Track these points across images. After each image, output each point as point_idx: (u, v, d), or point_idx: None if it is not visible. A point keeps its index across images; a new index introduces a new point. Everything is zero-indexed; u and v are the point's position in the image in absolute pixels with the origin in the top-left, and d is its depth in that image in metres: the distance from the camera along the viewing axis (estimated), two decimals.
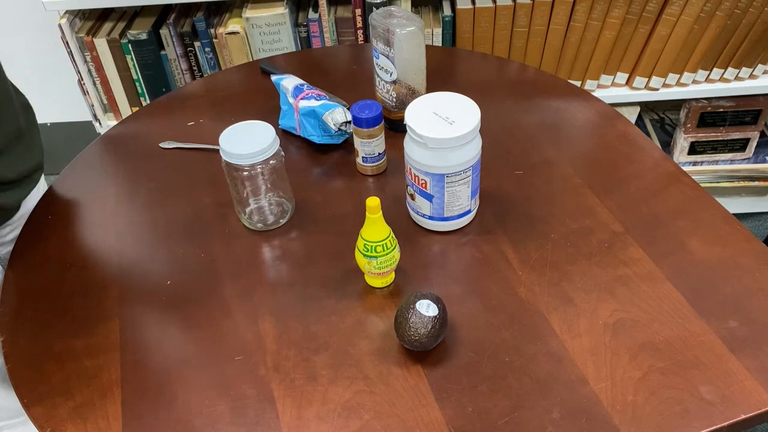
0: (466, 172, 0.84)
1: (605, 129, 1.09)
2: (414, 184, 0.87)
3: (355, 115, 0.95)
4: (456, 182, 0.84)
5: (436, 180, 0.84)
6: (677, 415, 0.69)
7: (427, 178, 0.84)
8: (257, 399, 0.73)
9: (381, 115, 0.96)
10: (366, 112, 0.95)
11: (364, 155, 0.99)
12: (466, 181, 0.85)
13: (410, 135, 0.83)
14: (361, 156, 0.99)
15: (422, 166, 0.83)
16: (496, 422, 0.70)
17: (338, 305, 0.83)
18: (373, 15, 1.00)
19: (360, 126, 0.95)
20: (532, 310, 0.81)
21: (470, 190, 0.87)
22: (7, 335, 0.82)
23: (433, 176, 0.83)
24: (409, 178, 0.87)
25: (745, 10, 1.45)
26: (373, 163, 1.00)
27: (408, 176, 0.87)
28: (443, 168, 0.82)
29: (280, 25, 1.51)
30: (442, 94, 0.87)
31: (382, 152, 0.99)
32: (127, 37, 1.53)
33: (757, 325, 0.77)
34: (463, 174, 0.84)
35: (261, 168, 0.87)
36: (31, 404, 0.74)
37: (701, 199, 0.94)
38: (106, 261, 0.92)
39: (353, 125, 0.97)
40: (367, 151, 0.98)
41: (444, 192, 0.85)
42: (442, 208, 0.87)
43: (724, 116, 1.71)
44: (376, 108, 0.95)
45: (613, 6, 1.46)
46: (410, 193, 0.89)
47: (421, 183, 0.85)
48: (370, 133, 0.96)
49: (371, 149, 0.98)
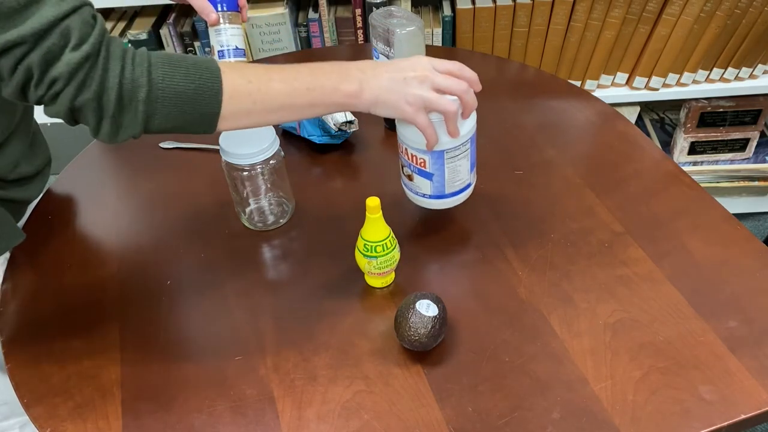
0: (465, 145, 0.81)
1: (605, 129, 1.09)
2: (411, 164, 0.83)
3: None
4: (456, 157, 0.81)
5: (435, 157, 0.81)
6: (677, 415, 0.69)
7: (426, 156, 0.81)
8: (257, 399, 0.73)
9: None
10: None
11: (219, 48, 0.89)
12: (465, 154, 0.82)
13: None
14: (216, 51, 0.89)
15: (419, 144, 0.79)
16: (496, 422, 0.70)
17: (338, 305, 0.83)
18: (373, 15, 1.00)
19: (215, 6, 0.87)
20: (532, 310, 0.80)
21: (469, 163, 0.84)
22: (7, 335, 0.82)
23: (432, 153, 0.80)
24: (405, 159, 0.84)
25: (745, 10, 1.45)
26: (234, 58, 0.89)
27: (404, 157, 0.84)
28: (443, 143, 0.79)
29: (280, 25, 1.51)
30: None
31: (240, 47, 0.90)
32: (127, 37, 1.53)
33: (757, 325, 0.77)
34: (462, 147, 0.81)
35: (261, 168, 0.87)
36: (31, 404, 0.74)
37: (701, 199, 0.94)
38: (106, 261, 0.92)
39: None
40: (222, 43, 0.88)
41: (444, 168, 0.82)
42: (443, 185, 0.84)
43: (724, 116, 1.71)
44: None
45: (613, 6, 1.46)
46: (407, 174, 0.85)
47: (419, 162, 0.82)
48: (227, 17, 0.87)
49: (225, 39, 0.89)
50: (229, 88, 0.68)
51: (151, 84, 0.65)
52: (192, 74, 0.67)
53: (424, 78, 0.74)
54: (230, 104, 0.68)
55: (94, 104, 0.64)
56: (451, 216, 0.94)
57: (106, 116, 0.65)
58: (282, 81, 0.71)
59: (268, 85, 0.70)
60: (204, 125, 0.69)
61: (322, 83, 0.72)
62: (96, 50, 0.63)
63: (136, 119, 0.66)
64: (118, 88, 0.64)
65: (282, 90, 0.71)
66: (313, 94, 0.72)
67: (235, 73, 0.69)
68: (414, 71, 0.74)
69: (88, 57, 0.62)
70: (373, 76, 0.73)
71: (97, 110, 0.64)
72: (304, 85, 0.71)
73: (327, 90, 0.72)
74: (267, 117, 0.72)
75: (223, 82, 0.68)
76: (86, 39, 0.62)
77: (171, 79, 0.66)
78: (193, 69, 0.67)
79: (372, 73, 0.74)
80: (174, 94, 0.66)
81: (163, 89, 0.65)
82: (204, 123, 0.69)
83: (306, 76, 0.72)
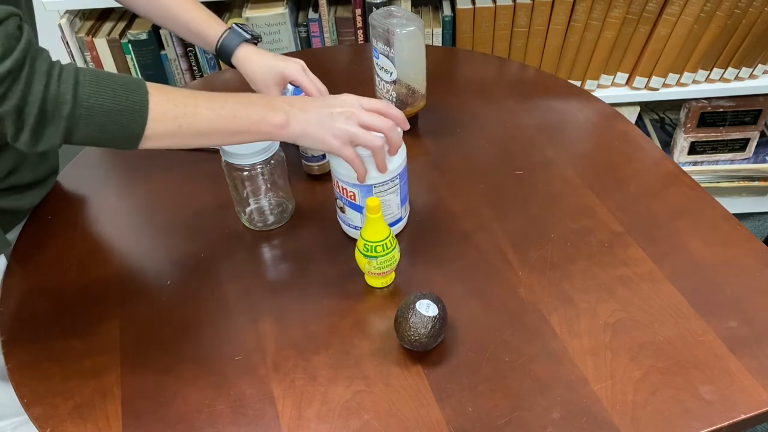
0: (394, 181, 0.83)
1: (605, 129, 1.09)
2: (343, 197, 0.86)
3: None
4: (385, 192, 0.84)
5: (364, 191, 0.83)
6: (677, 415, 0.69)
7: (356, 190, 0.83)
8: (257, 399, 0.73)
9: None
10: None
11: (308, 155, 0.99)
12: (394, 190, 0.85)
13: None
14: (305, 155, 0.99)
15: (349, 178, 0.82)
16: (496, 422, 0.70)
17: (338, 305, 0.83)
18: (373, 15, 1.00)
19: None
20: (532, 310, 0.80)
21: (399, 198, 0.86)
22: (7, 335, 0.82)
23: (361, 188, 0.83)
24: (337, 192, 0.86)
25: (745, 10, 1.45)
26: (318, 162, 0.99)
27: (336, 190, 0.86)
28: (371, 178, 0.82)
29: (280, 25, 1.51)
30: None
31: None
32: (127, 37, 1.53)
33: (757, 325, 0.77)
34: (391, 183, 0.83)
35: (261, 168, 0.87)
36: (31, 404, 0.74)
37: (701, 199, 0.94)
38: (106, 261, 0.92)
39: None
40: (311, 150, 0.98)
41: None
42: None
43: (724, 116, 1.71)
44: None
45: (613, 6, 1.46)
46: (340, 206, 0.88)
47: (349, 195, 0.84)
48: None
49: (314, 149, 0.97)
50: (155, 111, 0.69)
51: (76, 101, 0.65)
52: (120, 95, 0.67)
53: (350, 114, 0.77)
54: (155, 126, 0.69)
55: (13, 116, 0.64)
56: (451, 216, 0.94)
57: (26, 128, 0.65)
58: (209, 108, 0.72)
59: (195, 110, 0.72)
60: (127, 144, 0.70)
61: (248, 113, 0.74)
62: (19, 65, 0.63)
63: (56, 133, 0.66)
64: (41, 104, 0.64)
65: (208, 116, 0.72)
66: (239, 122, 0.74)
67: (163, 96, 0.70)
68: (341, 107, 0.77)
69: (11, 72, 0.62)
70: (300, 110, 0.76)
71: (17, 121, 0.65)
72: (230, 113, 0.73)
73: (253, 119, 0.74)
74: (192, 140, 0.73)
75: (150, 104, 0.69)
76: (9, 53, 0.62)
77: (97, 98, 0.66)
78: (121, 90, 0.67)
79: (299, 107, 0.76)
80: (99, 113, 0.67)
81: (88, 108, 0.66)
82: (127, 142, 0.70)
83: (233, 105, 0.74)
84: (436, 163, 1.03)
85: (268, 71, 0.94)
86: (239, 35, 0.97)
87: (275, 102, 0.76)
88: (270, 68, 0.94)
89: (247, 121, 0.74)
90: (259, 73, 0.95)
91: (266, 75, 0.94)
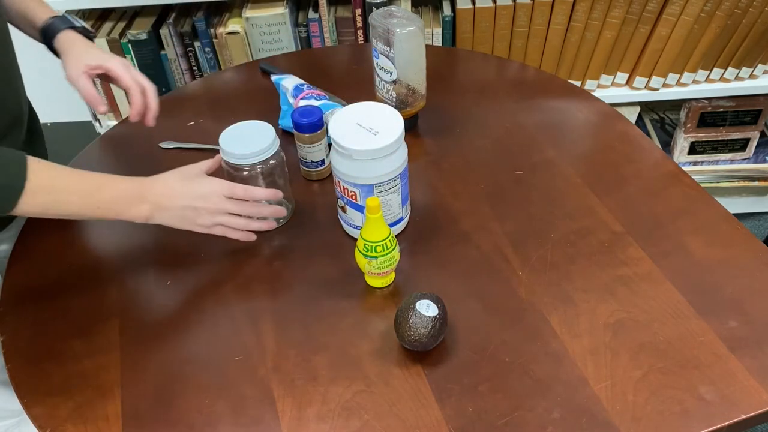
0: (395, 181, 0.84)
1: (605, 129, 1.09)
2: (344, 197, 0.86)
3: (296, 121, 0.95)
4: (386, 191, 0.84)
5: (365, 191, 0.83)
6: (677, 415, 0.69)
7: (357, 190, 0.83)
8: (257, 399, 0.73)
9: (322, 120, 0.96)
10: (307, 117, 0.95)
11: (308, 160, 0.99)
12: (395, 189, 0.85)
13: (335, 148, 0.82)
14: (304, 161, 1.00)
15: (350, 178, 0.82)
16: (496, 422, 0.70)
17: (338, 305, 0.83)
18: (373, 15, 1.00)
19: (301, 132, 0.95)
20: (532, 310, 0.80)
21: (400, 198, 0.87)
22: (7, 335, 0.82)
23: (362, 187, 0.83)
24: (338, 191, 0.87)
25: (745, 10, 1.45)
26: (316, 168, 1.00)
27: (337, 189, 0.87)
28: (371, 179, 0.82)
29: (280, 25, 1.51)
30: (365, 104, 0.86)
31: (325, 157, 1.00)
32: (127, 37, 1.53)
33: (757, 325, 0.77)
34: (392, 183, 0.83)
35: (261, 168, 0.87)
36: (31, 404, 0.74)
37: (701, 199, 0.94)
38: (106, 261, 0.92)
39: (294, 131, 0.97)
40: (310, 157, 0.99)
41: None
42: None
43: (724, 116, 1.71)
44: (317, 114, 0.95)
45: (613, 6, 1.46)
46: (341, 206, 0.88)
47: (350, 195, 0.84)
48: (311, 138, 0.96)
49: (314, 154, 0.98)
50: (27, 195, 0.73)
51: None
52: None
53: (214, 210, 0.82)
54: (24, 205, 0.74)
55: None
56: (451, 216, 0.94)
57: None
58: (80, 195, 0.78)
59: (68, 198, 0.77)
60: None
61: (109, 207, 0.79)
62: None
63: None
64: None
65: (76, 202, 0.78)
66: (99, 212, 0.79)
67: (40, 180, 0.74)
68: (205, 202, 0.82)
69: None
70: (165, 207, 0.81)
71: None
72: (95, 204, 0.78)
73: (112, 213, 0.80)
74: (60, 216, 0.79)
75: (25, 188, 0.73)
76: None
77: None
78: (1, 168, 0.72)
79: (167, 199, 0.81)
80: None
81: None
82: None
83: (103, 193, 0.79)
84: (436, 163, 1.03)
85: (86, 58, 0.94)
86: (67, 21, 0.96)
87: (144, 195, 0.80)
88: (89, 56, 0.94)
89: (106, 212, 0.79)
90: (74, 58, 0.94)
91: (80, 62, 0.94)
